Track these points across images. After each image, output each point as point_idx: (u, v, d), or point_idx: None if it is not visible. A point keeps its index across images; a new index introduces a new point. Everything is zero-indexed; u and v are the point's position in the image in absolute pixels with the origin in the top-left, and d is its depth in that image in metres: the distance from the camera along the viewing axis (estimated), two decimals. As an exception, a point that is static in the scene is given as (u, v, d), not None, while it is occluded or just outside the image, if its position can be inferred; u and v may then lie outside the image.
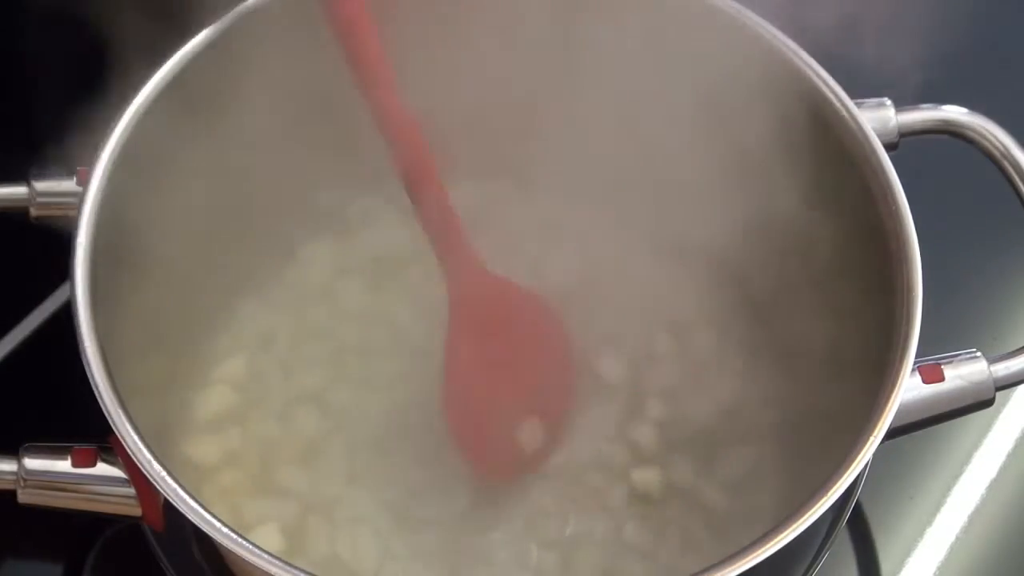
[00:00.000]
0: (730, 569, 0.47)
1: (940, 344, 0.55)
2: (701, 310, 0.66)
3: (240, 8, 0.60)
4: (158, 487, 0.49)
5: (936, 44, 0.81)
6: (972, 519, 0.66)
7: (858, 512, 0.65)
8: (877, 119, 0.60)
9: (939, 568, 0.65)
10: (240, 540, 0.48)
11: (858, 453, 0.50)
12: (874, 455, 0.51)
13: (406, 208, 0.65)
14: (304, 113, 0.62)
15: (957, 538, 0.66)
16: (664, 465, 0.62)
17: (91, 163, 0.56)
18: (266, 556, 0.47)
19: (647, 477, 0.62)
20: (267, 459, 0.62)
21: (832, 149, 0.58)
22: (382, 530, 0.60)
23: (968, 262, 0.73)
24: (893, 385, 0.52)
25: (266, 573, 0.47)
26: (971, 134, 0.61)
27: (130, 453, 0.49)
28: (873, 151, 0.57)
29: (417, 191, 0.58)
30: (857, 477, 0.50)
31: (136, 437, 0.49)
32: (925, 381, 0.54)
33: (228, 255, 0.64)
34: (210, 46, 0.59)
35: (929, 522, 0.66)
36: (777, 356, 0.63)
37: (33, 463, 0.52)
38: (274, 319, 0.66)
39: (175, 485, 0.49)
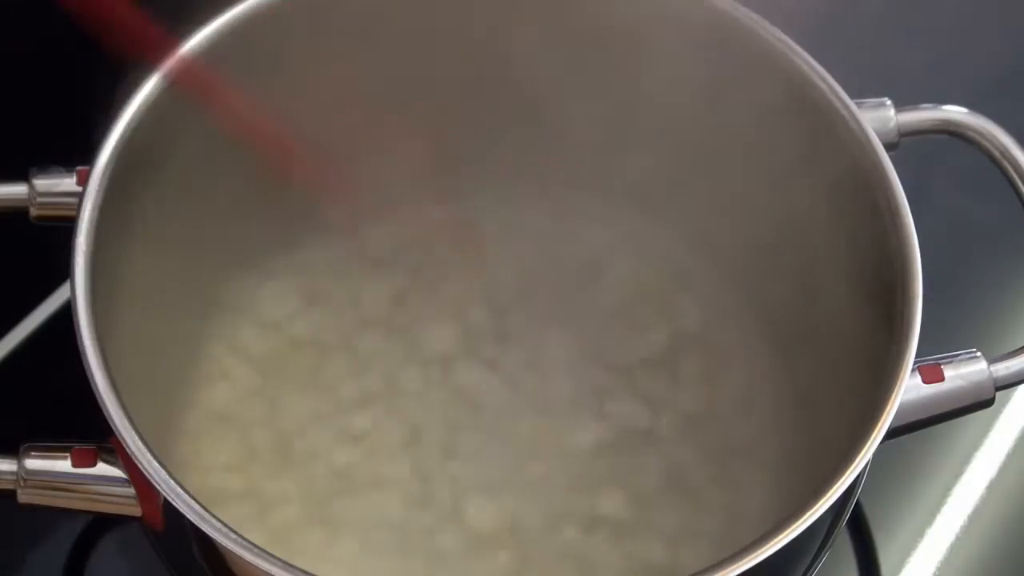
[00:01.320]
0: (730, 569, 0.47)
1: (940, 344, 0.55)
2: (700, 311, 0.66)
3: (240, 8, 0.60)
4: (158, 487, 0.49)
5: (936, 44, 0.82)
6: (972, 519, 0.66)
7: (858, 512, 0.65)
8: (877, 119, 0.60)
9: (939, 568, 0.65)
10: (240, 540, 0.48)
11: (858, 453, 0.50)
12: (874, 455, 0.51)
13: (405, 210, 0.65)
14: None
15: (957, 538, 0.66)
16: (665, 466, 0.62)
17: (91, 163, 0.56)
18: (266, 556, 0.47)
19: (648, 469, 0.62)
20: (265, 463, 0.62)
21: (832, 149, 0.58)
22: (379, 533, 0.61)
23: (968, 262, 0.73)
24: (893, 385, 0.52)
25: (266, 573, 0.47)
26: (971, 134, 0.61)
27: (130, 453, 0.49)
28: (873, 151, 0.57)
29: None
30: (857, 477, 0.50)
31: (136, 437, 0.49)
32: (925, 381, 0.54)
33: (230, 255, 0.64)
34: (210, 47, 0.59)
35: (929, 522, 0.66)
36: (776, 356, 0.63)
37: (33, 463, 0.52)
38: (276, 319, 0.66)
39: (175, 485, 0.49)
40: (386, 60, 0.63)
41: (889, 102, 0.61)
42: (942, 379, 0.54)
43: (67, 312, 0.52)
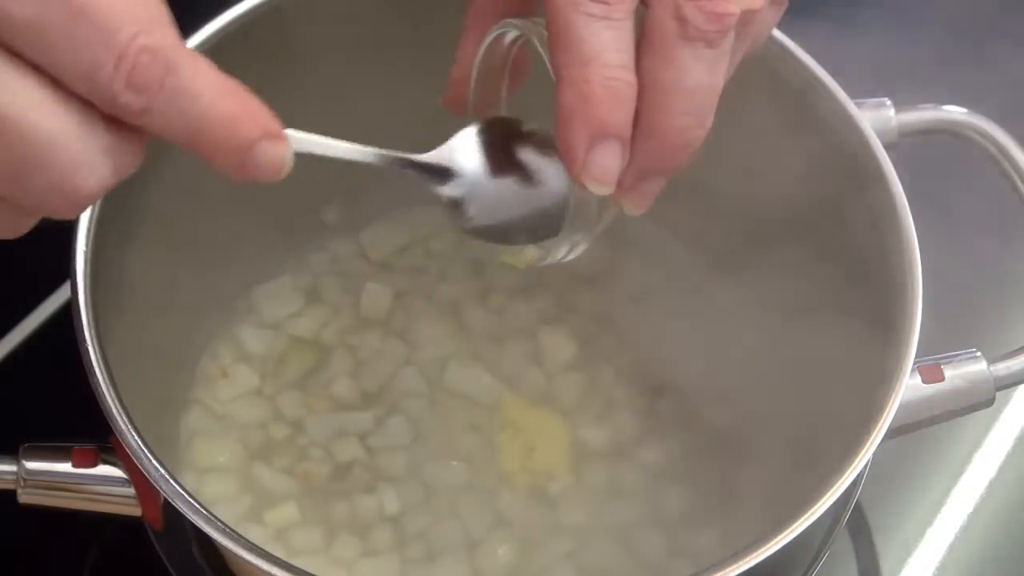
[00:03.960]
0: (730, 569, 0.47)
1: (940, 344, 0.55)
2: (701, 311, 0.66)
3: (244, 4, 0.60)
4: (158, 487, 0.49)
5: (936, 44, 0.82)
6: (972, 519, 0.66)
7: (858, 512, 0.65)
8: (877, 119, 0.60)
9: (939, 568, 0.65)
10: (240, 540, 0.48)
11: (858, 453, 0.50)
12: (874, 455, 0.51)
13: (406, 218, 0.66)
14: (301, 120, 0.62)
15: (957, 538, 0.66)
16: (664, 466, 0.63)
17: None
18: (266, 556, 0.47)
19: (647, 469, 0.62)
20: (265, 462, 0.62)
21: (832, 149, 0.58)
22: (378, 532, 0.61)
23: (968, 262, 0.73)
24: (893, 385, 0.52)
25: (266, 573, 0.47)
26: (971, 134, 0.61)
27: (130, 453, 0.49)
28: (873, 151, 0.57)
29: None
30: (857, 477, 0.50)
31: (136, 437, 0.49)
32: (925, 381, 0.54)
33: (230, 255, 0.64)
34: (210, 46, 0.59)
35: (929, 522, 0.66)
36: (776, 356, 0.63)
37: (33, 463, 0.52)
38: (276, 319, 0.66)
39: (175, 485, 0.49)
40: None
41: (889, 102, 0.61)
42: (942, 379, 0.54)
43: (67, 312, 0.52)
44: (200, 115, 0.38)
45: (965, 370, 0.55)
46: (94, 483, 0.52)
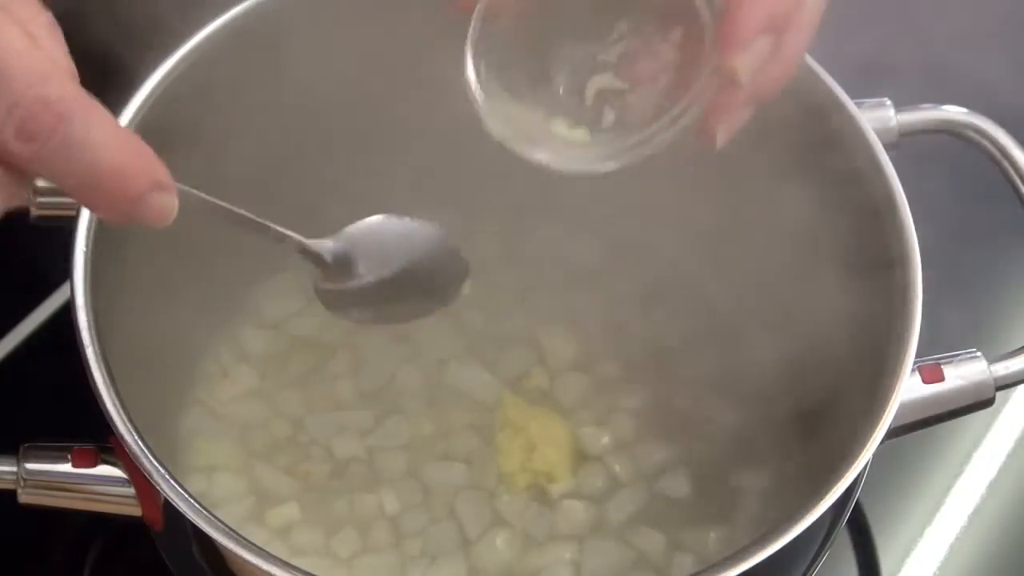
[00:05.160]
0: (730, 569, 0.47)
1: (940, 344, 0.55)
2: (701, 312, 0.66)
3: (243, 7, 0.60)
4: (158, 487, 0.49)
5: (936, 44, 0.82)
6: (972, 519, 0.66)
7: (858, 512, 0.65)
8: (877, 119, 0.60)
9: (939, 568, 0.65)
10: (240, 540, 0.48)
11: (858, 453, 0.50)
12: (874, 455, 0.51)
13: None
14: (303, 123, 0.62)
15: (957, 538, 0.66)
16: (665, 466, 0.63)
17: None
18: (266, 556, 0.47)
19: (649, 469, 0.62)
20: (265, 462, 0.62)
21: (832, 149, 0.58)
22: (377, 532, 0.61)
23: (968, 262, 0.73)
24: (893, 385, 0.52)
25: (266, 573, 0.47)
26: (971, 134, 0.61)
27: (130, 453, 0.49)
28: (873, 151, 0.57)
29: None
30: (857, 477, 0.50)
31: (136, 437, 0.49)
32: (925, 381, 0.54)
33: (230, 255, 0.64)
34: (212, 45, 0.59)
35: (929, 522, 0.66)
36: (776, 356, 0.63)
37: (33, 463, 0.52)
38: (276, 319, 0.66)
39: (175, 485, 0.49)
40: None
41: (889, 102, 0.61)
42: (942, 379, 0.54)
43: (67, 312, 0.52)
44: (90, 166, 0.39)
45: (965, 370, 0.55)
46: (94, 483, 0.52)
